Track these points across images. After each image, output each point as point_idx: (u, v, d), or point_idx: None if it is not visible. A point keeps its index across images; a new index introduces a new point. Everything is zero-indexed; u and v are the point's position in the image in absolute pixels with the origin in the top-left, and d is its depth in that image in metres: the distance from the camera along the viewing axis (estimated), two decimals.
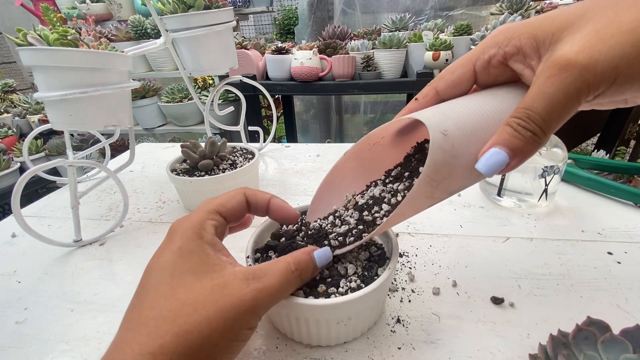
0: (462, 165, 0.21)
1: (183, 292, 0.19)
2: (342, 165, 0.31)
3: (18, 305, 0.36)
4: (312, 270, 0.25)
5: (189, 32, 0.50)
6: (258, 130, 0.76)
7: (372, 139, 0.30)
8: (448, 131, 0.21)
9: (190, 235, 0.22)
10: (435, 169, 0.21)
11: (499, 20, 1.17)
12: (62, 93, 0.37)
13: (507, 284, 0.35)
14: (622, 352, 0.22)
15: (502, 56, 0.23)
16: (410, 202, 0.22)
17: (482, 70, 0.24)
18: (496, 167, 0.20)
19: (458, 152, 0.21)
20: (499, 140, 0.20)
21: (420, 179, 0.21)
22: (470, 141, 0.21)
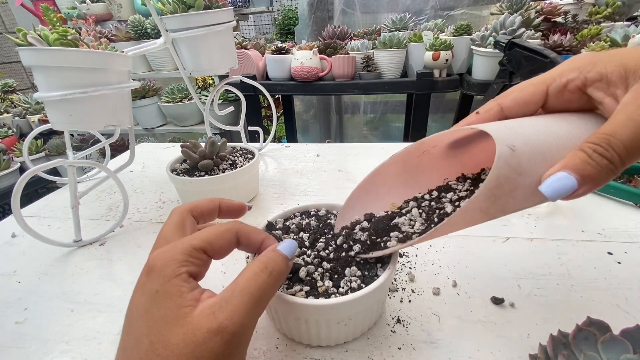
0: (526, 185, 0.20)
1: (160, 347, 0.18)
2: (385, 169, 0.30)
3: (18, 305, 0.36)
4: (284, 264, 0.23)
5: (189, 32, 0.50)
6: (258, 130, 0.76)
7: (423, 147, 0.29)
8: (516, 147, 0.20)
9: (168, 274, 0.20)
10: (497, 183, 0.20)
11: (499, 21, 1.17)
12: (62, 93, 0.37)
13: (507, 284, 0.35)
14: (622, 352, 0.22)
15: (582, 81, 0.22)
16: (464, 213, 0.21)
17: (555, 93, 0.23)
18: (562, 192, 0.19)
19: (524, 170, 0.20)
20: (569, 164, 0.19)
21: (480, 191, 0.20)
22: (537, 161, 0.20)
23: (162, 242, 0.24)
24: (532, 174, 0.20)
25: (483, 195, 0.20)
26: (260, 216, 0.50)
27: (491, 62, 1.17)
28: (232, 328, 0.19)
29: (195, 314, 0.19)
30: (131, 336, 0.20)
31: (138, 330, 0.20)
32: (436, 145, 0.29)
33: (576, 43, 1.13)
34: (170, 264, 0.21)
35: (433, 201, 0.28)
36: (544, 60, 0.49)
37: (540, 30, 1.22)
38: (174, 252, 0.21)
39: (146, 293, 0.20)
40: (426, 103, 1.38)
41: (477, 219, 0.22)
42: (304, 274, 0.27)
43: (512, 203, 0.21)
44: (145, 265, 0.22)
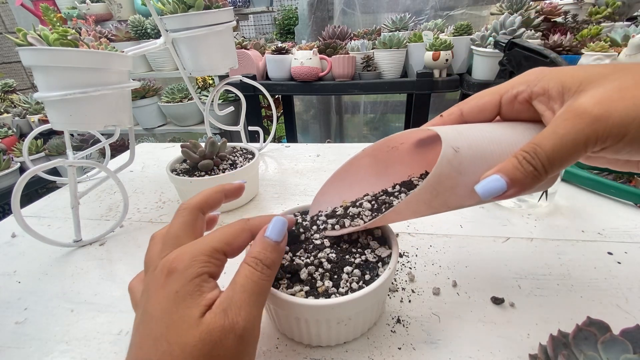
0: (465, 184, 0.23)
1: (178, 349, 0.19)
2: (358, 160, 0.32)
3: (18, 305, 0.36)
4: (274, 251, 0.23)
5: (189, 32, 0.50)
6: (258, 130, 0.76)
7: (392, 143, 0.31)
8: (460, 149, 0.22)
9: (189, 275, 0.21)
10: (439, 179, 0.22)
11: (499, 21, 1.17)
12: (62, 93, 0.37)
13: (507, 284, 0.35)
14: (622, 352, 0.22)
15: (528, 94, 0.24)
16: (408, 203, 0.23)
17: (507, 103, 0.25)
18: (493, 192, 0.21)
19: (464, 170, 0.22)
20: (503, 168, 0.21)
21: (423, 185, 0.22)
22: (478, 164, 0.23)
23: (173, 241, 0.24)
24: (472, 174, 0.23)
25: (425, 189, 0.22)
26: None
27: (491, 62, 1.17)
28: (243, 323, 0.20)
29: (209, 314, 0.20)
30: (149, 337, 0.20)
31: (157, 331, 0.20)
32: (404, 142, 0.31)
33: (576, 43, 1.13)
34: (193, 264, 0.21)
35: (388, 196, 0.31)
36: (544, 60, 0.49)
37: (540, 30, 1.22)
38: (195, 253, 0.22)
39: (166, 294, 0.21)
40: (426, 103, 1.38)
41: (422, 210, 0.24)
42: (305, 275, 0.27)
43: (453, 199, 0.23)
44: (163, 267, 0.22)
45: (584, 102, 0.20)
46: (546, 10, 1.28)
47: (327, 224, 0.30)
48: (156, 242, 0.25)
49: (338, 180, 0.33)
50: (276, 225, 0.24)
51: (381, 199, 0.31)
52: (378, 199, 0.31)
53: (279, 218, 0.25)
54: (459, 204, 0.24)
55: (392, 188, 0.32)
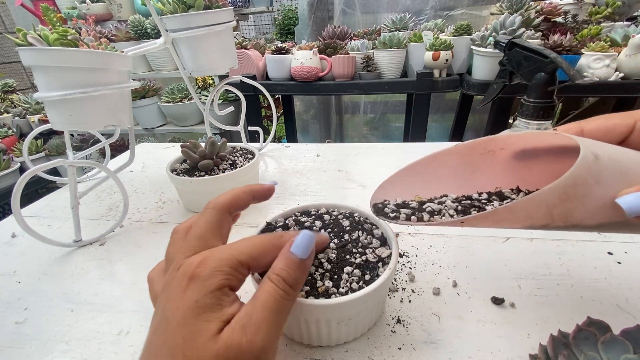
0: (600, 197, 0.20)
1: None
2: (444, 156, 0.29)
3: (18, 305, 0.36)
4: (298, 269, 0.22)
5: (189, 32, 0.50)
6: (258, 130, 0.76)
7: (491, 145, 0.28)
8: (600, 157, 0.20)
9: (211, 286, 0.20)
10: (574, 181, 0.19)
11: (499, 21, 1.17)
12: (62, 93, 0.37)
13: (507, 284, 0.35)
14: (622, 352, 0.22)
15: None
16: (529, 202, 0.20)
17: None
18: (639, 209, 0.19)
19: (602, 180, 0.20)
20: None
21: (553, 185, 0.19)
22: (618, 177, 0.20)
23: (197, 241, 0.23)
24: (609, 187, 0.20)
25: (556, 190, 0.19)
26: (260, 216, 0.50)
27: (491, 62, 1.17)
28: (261, 343, 0.19)
29: (227, 329, 0.19)
30: (165, 345, 0.19)
31: (173, 341, 0.19)
32: (504, 148, 0.28)
33: (576, 43, 1.13)
34: (216, 274, 0.20)
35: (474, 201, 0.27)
36: (544, 60, 0.49)
37: (540, 30, 1.22)
38: (220, 262, 0.21)
39: (186, 301, 0.20)
40: (426, 103, 1.38)
41: (538, 216, 0.20)
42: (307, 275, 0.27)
43: (579, 210, 0.20)
44: (186, 270, 0.21)
45: None
46: (546, 10, 1.28)
47: (400, 213, 0.26)
48: (179, 236, 0.25)
49: (413, 173, 0.29)
50: (303, 240, 0.23)
51: (465, 202, 0.26)
52: (461, 202, 0.27)
53: (307, 232, 0.23)
54: (580, 219, 0.21)
55: (479, 195, 0.28)
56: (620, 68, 1.10)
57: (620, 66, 1.10)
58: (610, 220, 0.21)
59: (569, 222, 0.21)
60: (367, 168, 0.63)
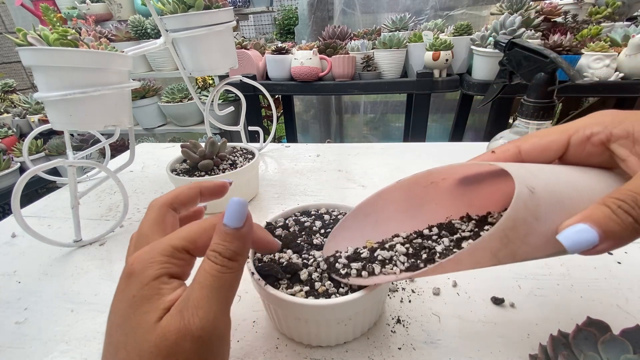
0: (542, 233, 0.19)
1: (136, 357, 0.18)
2: (389, 193, 0.28)
3: (18, 305, 0.36)
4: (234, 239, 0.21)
5: (189, 32, 0.50)
6: (258, 130, 0.76)
7: (432, 177, 0.27)
8: (536, 189, 0.19)
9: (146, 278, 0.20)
10: (513, 224, 0.18)
11: (499, 21, 1.17)
12: (62, 93, 0.37)
13: (507, 284, 0.35)
14: (622, 352, 0.22)
15: (606, 136, 0.21)
16: (473, 251, 0.19)
17: (577, 145, 0.22)
18: (582, 245, 0.18)
19: (541, 216, 0.19)
20: (592, 217, 0.18)
21: (494, 230, 0.19)
22: (555, 209, 0.19)
23: (142, 241, 0.23)
24: (549, 221, 0.19)
25: (496, 236, 0.19)
26: (261, 216, 0.50)
27: (491, 62, 1.17)
28: (200, 323, 0.18)
29: (165, 317, 0.19)
30: (111, 345, 0.20)
31: (116, 340, 0.19)
32: (446, 178, 0.27)
33: (576, 43, 1.13)
34: (151, 266, 0.20)
35: (425, 239, 0.27)
36: (544, 60, 0.49)
37: (540, 30, 1.22)
38: (153, 253, 0.20)
39: (124, 299, 0.20)
40: (426, 103, 1.38)
41: (484, 261, 0.20)
42: (305, 276, 0.27)
43: (523, 249, 0.20)
44: (124, 270, 0.21)
45: None
46: (546, 10, 1.28)
47: (351, 267, 0.26)
48: (130, 242, 0.25)
49: (362, 215, 0.29)
50: (232, 208, 0.21)
51: (416, 242, 0.27)
52: (412, 242, 0.27)
53: (236, 200, 0.21)
54: (528, 255, 0.20)
55: (429, 230, 0.27)
56: (620, 68, 1.10)
57: (620, 66, 1.10)
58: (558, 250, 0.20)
59: (517, 259, 0.20)
60: (367, 168, 0.63)
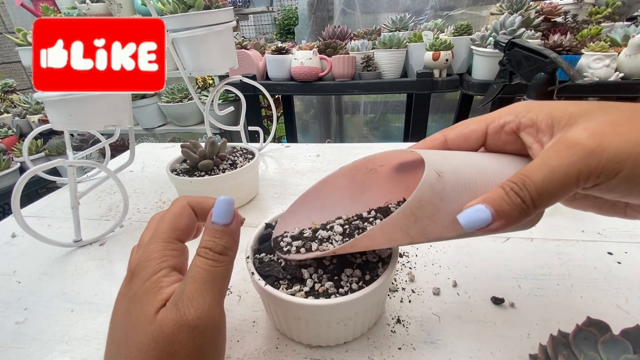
0: (447, 212, 0.21)
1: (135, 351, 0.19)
2: (333, 180, 0.31)
3: (18, 305, 0.36)
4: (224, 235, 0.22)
5: (189, 32, 0.50)
6: (258, 130, 0.76)
7: (371, 164, 0.30)
8: (444, 173, 0.21)
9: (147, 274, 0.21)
10: (419, 204, 0.20)
11: (499, 21, 1.17)
12: (62, 93, 0.37)
13: (507, 284, 0.35)
14: (622, 352, 0.22)
15: (516, 125, 0.23)
16: (383, 228, 0.21)
17: (493, 134, 0.24)
18: (477, 224, 0.20)
19: (446, 197, 0.21)
20: (488, 199, 0.20)
21: (401, 209, 0.20)
22: (461, 192, 0.21)
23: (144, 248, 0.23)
24: (455, 202, 0.21)
25: (403, 214, 0.21)
26: (261, 216, 0.50)
27: (491, 62, 1.17)
28: (195, 313, 0.19)
29: (162, 311, 0.20)
30: (113, 344, 0.20)
31: (118, 337, 0.20)
32: (383, 165, 0.30)
33: (576, 43, 1.13)
34: (148, 264, 0.21)
35: (362, 221, 0.29)
36: (544, 60, 0.49)
37: (540, 30, 1.22)
38: (148, 252, 0.22)
39: (126, 298, 0.21)
40: (426, 103, 1.38)
41: (398, 238, 0.22)
42: (308, 275, 0.27)
43: (432, 227, 0.22)
44: (127, 272, 0.22)
45: (577, 134, 0.19)
46: (546, 10, 1.28)
47: (292, 246, 0.28)
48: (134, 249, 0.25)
49: (310, 200, 0.31)
50: (220, 207, 0.23)
51: (355, 223, 0.29)
52: (351, 223, 0.29)
53: (222, 199, 0.23)
54: (438, 234, 0.22)
55: (368, 213, 0.30)
56: (620, 68, 1.10)
57: (620, 66, 1.10)
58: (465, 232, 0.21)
59: (430, 238, 0.22)
60: None
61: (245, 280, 0.37)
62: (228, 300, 0.35)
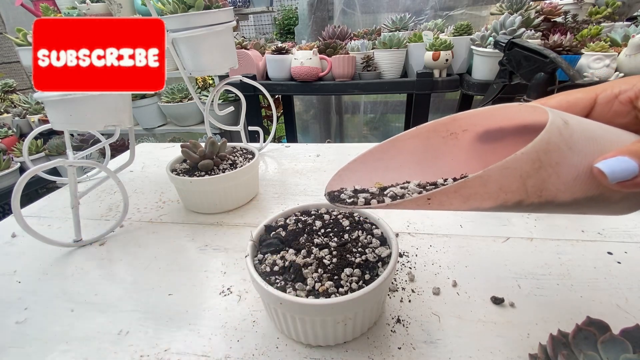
0: (572, 164, 0.19)
1: None
2: (404, 141, 0.27)
3: (18, 305, 0.36)
4: None
5: (189, 32, 0.50)
6: (258, 130, 0.76)
7: (453, 126, 0.26)
8: (570, 122, 0.19)
9: None
10: (547, 147, 0.18)
11: (499, 21, 1.17)
12: (62, 93, 0.37)
13: (507, 284, 0.35)
14: (622, 352, 0.22)
15: (634, 93, 0.22)
16: (503, 168, 0.18)
17: (604, 102, 0.23)
18: (623, 174, 0.18)
19: (575, 146, 0.18)
20: (629, 151, 0.18)
21: (526, 150, 0.17)
22: (589, 144, 0.19)
23: None
24: (582, 154, 0.19)
25: (529, 156, 0.17)
26: (261, 216, 0.50)
27: (491, 62, 1.17)
28: None
29: None
30: None
31: None
32: (467, 129, 0.26)
33: (576, 43, 1.13)
34: None
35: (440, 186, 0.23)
36: (543, 60, 0.49)
37: (540, 30, 1.22)
38: None
39: None
40: (426, 103, 1.38)
41: (512, 189, 0.19)
42: (307, 275, 0.27)
43: (553, 180, 0.19)
44: None
45: None
46: (546, 10, 1.28)
47: (358, 197, 0.24)
48: None
49: (371, 161, 0.27)
50: None
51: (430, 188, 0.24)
52: (426, 187, 0.24)
53: None
54: (554, 193, 0.19)
55: (444, 181, 0.25)
56: (620, 68, 1.10)
57: (620, 66, 1.10)
58: (586, 193, 0.20)
59: (543, 197, 0.19)
60: None
61: (245, 280, 0.37)
62: (228, 300, 0.35)
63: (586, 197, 0.20)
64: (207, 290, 0.36)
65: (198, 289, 0.37)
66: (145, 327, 0.33)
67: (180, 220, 0.51)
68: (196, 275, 0.39)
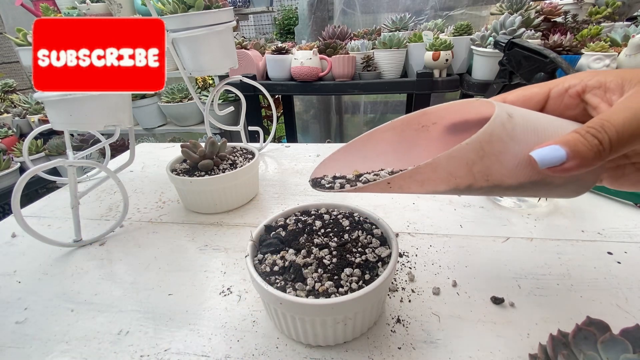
0: (514, 153, 0.21)
1: None
2: (380, 134, 0.29)
3: (18, 305, 0.36)
4: None
5: (189, 32, 0.50)
6: (258, 130, 0.76)
7: (424, 120, 0.28)
8: (514, 115, 0.21)
9: None
10: (490, 138, 0.20)
11: (499, 21, 1.17)
12: (62, 93, 0.37)
13: (507, 284, 0.35)
14: (622, 352, 0.22)
15: (581, 87, 0.24)
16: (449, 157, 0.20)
17: (556, 97, 0.25)
18: (551, 161, 0.20)
19: (516, 137, 0.21)
20: (562, 140, 0.20)
21: (470, 141, 0.19)
22: (530, 135, 0.21)
23: None
24: (523, 143, 0.21)
25: (473, 146, 0.20)
26: (261, 216, 0.50)
27: (491, 62, 1.17)
28: None
29: None
30: None
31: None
32: (436, 122, 0.28)
33: (576, 43, 1.13)
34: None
35: None
36: (543, 60, 0.49)
37: (540, 30, 1.22)
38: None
39: None
40: (426, 103, 1.38)
41: (460, 174, 0.21)
42: (307, 275, 0.27)
43: (497, 167, 0.21)
44: None
45: None
46: (546, 10, 1.28)
47: (335, 183, 0.26)
48: None
49: (353, 151, 0.30)
50: None
51: None
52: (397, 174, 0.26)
53: None
54: (499, 178, 0.21)
55: None
56: (620, 68, 1.10)
57: (620, 66, 1.10)
58: (529, 178, 0.22)
59: (490, 181, 0.22)
60: None
61: (245, 280, 0.37)
62: (228, 300, 0.35)
63: (530, 182, 0.22)
64: (207, 290, 0.36)
65: (198, 289, 0.37)
66: (145, 327, 0.33)
67: (180, 220, 0.51)
68: (196, 275, 0.39)
